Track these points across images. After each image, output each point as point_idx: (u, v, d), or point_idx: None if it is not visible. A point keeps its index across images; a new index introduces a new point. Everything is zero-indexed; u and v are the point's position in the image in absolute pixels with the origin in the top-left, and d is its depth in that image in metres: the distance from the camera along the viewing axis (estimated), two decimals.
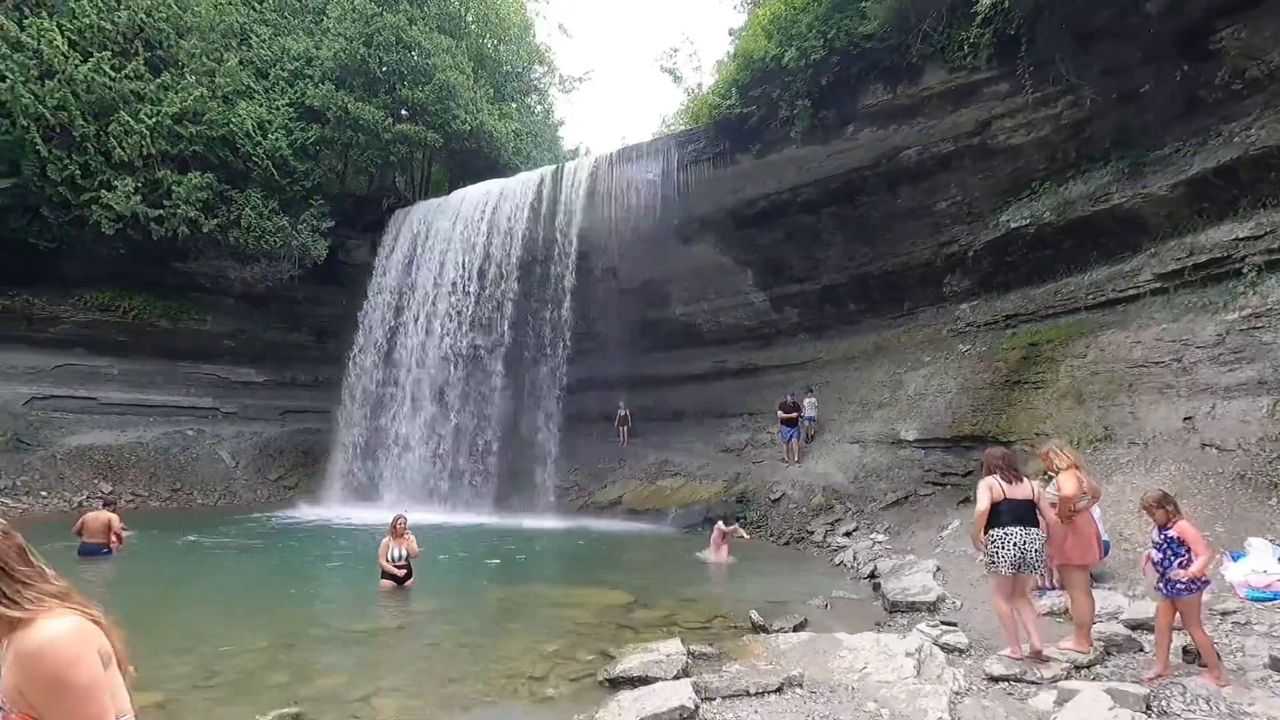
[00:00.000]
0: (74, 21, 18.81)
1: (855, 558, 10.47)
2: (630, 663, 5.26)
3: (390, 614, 7.68)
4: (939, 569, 8.46)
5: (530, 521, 16.86)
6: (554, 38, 63.05)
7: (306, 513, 18.62)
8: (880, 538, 11.30)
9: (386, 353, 20.50)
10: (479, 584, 9.60)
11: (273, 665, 5.70)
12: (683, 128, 18.88)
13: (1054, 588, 7.14)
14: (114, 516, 11.58)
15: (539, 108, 30.05)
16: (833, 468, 15.36)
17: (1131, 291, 11.68)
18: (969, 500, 11.51)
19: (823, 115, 15.07)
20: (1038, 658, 5.17)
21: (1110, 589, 6.21)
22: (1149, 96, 11.93)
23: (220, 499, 21.91)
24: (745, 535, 12.66)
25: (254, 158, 20.45)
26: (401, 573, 8.77)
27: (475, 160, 24.85)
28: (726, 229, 19.14)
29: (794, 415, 16.36)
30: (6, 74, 17.62)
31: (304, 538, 14.45)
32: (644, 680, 4.88)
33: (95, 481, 20.33)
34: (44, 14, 18.33)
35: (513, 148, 24.80)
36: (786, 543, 13.05)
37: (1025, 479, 5.59)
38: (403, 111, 21.96)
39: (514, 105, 26.90)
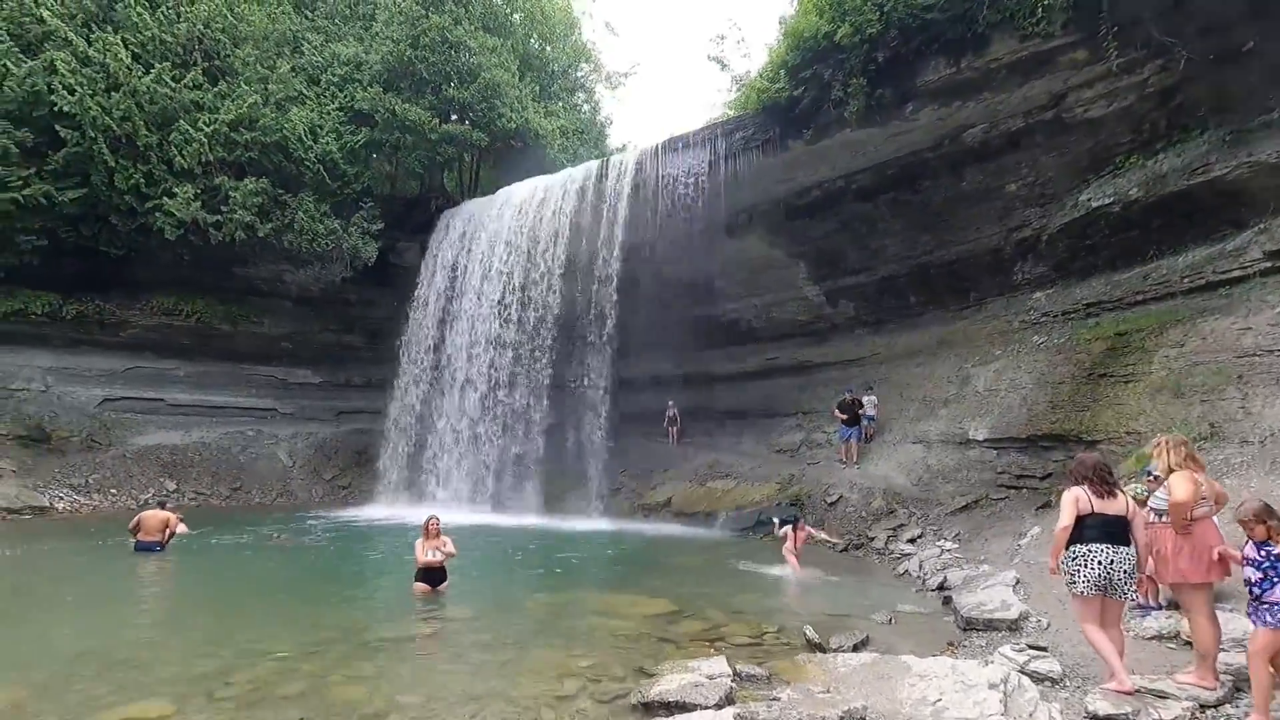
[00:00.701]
0: (137, 35, 19.48)
1: (922, 567, 9.61)
2: (668, 684, 4.70)
3: (421, 620, 7.34)
4: (1019, 581, 7.59)
5: (578, 524, 16.49)
6: (600, 35, 63.16)
7: (357, 512, 18.76)
8: (949, 545, 10.40)
9: (434, 354, 20.49)
10: (518, 589, 9.20)
11: (291, 674, 5.39)
12: (730, 115, 18.15)
13: (1159, 607, 6.22)
14: (172, 515, 11.73)
15: (585, 106, 29.81)
16: (894, 469, 14.43)
17: (1237, 273, 10.44)
18: (1050, 505, 10.50)
19: (879, 94, 14.16)
20: (1150, 693, 4.37)
21: (1232, 610, 5.30)
22: (1253, 55, 10.65)
23: (278, 497, 22.37)
24: (827, 538, 11.87)
25: (305, 162, 20.77)
26: (437, 573, 8.44)
27: (522, 159, 24.71)
28: (777, 220, 18.35)
29: (854, 414, 15.45)
30: (76, 87, 18.35)
31: (350, 537, 14.43)
32: (681, 707, 4.32)
33: (161, 480, 21.03)
34: (109, 29, 18.99)
35: (559, 145, 24.57)
36: (844, 549, 12.23)
37: (1121, 493, 4.96)
38: (449, 112, 21.94)
39: (560, 104, 26.69)
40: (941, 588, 8.61)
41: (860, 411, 15.73)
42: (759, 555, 10.95)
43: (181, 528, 12.54)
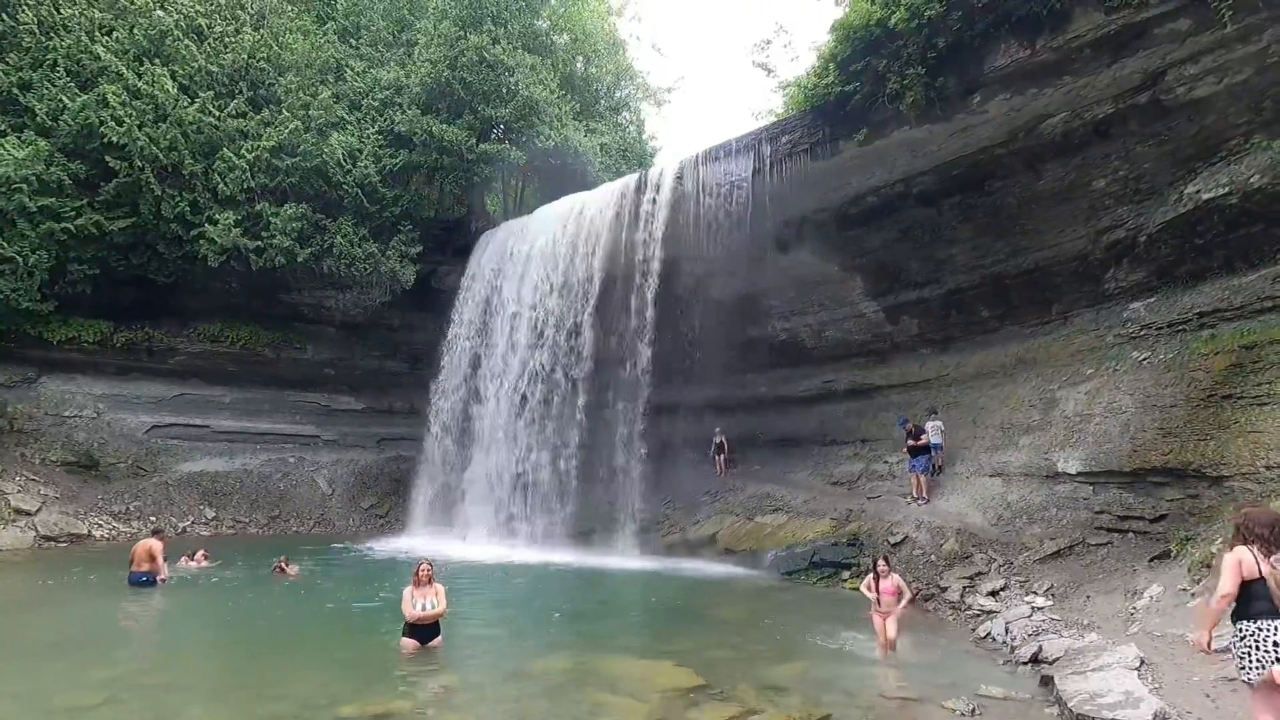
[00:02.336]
0: (185, 67, 19.81)
1: (1009, 631, 7.91)
2: None
3: (398, 691, 6.22)
4: (1144, 662, 5.90)
5: (612, 561, 15.21)
6: (646, 56, 63.00)
7: (387, 544, 18.00)
8: (1040, 602, 8.64)
9: (469, 380, 19.75)
10: (525, 647, 8.00)
11: None
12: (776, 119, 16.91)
13: None
14: (156, 543, 11.11)
15: (631, 125, 29.14)
16: (968, 506, 12.63)
17: None
18: (1168, 555, 8.65)
19: (940, 84, 12.69)
20: None
21: None
22: None
23: (314, 526, 21.96)
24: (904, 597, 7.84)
25: (344, 186, 20.63)
26: (427, 629, 7.33)
27: (566, 180, 24.07)
28: (829, 231, 16.90)
29: (923, 443, 13.71)
30: (125, 119, 18.68)
31: (369, 570, 13.58)
32: None
33: (200, 507, 20.90)
34: (158, 62, 19.35)
35: (600, 163, 23.85)
36: (911, 600, 10.52)
37: None
38: (487, 132, 21.49)
39: (602, 123, 26.05)
40: (1036, 660, 6.95)
41: (924, 439, 13.99)
42: (815, 608, 9.41)
43: (202, 562, 11.99)
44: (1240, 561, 4.14)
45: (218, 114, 19.93)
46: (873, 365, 18.30)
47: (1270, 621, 3.96)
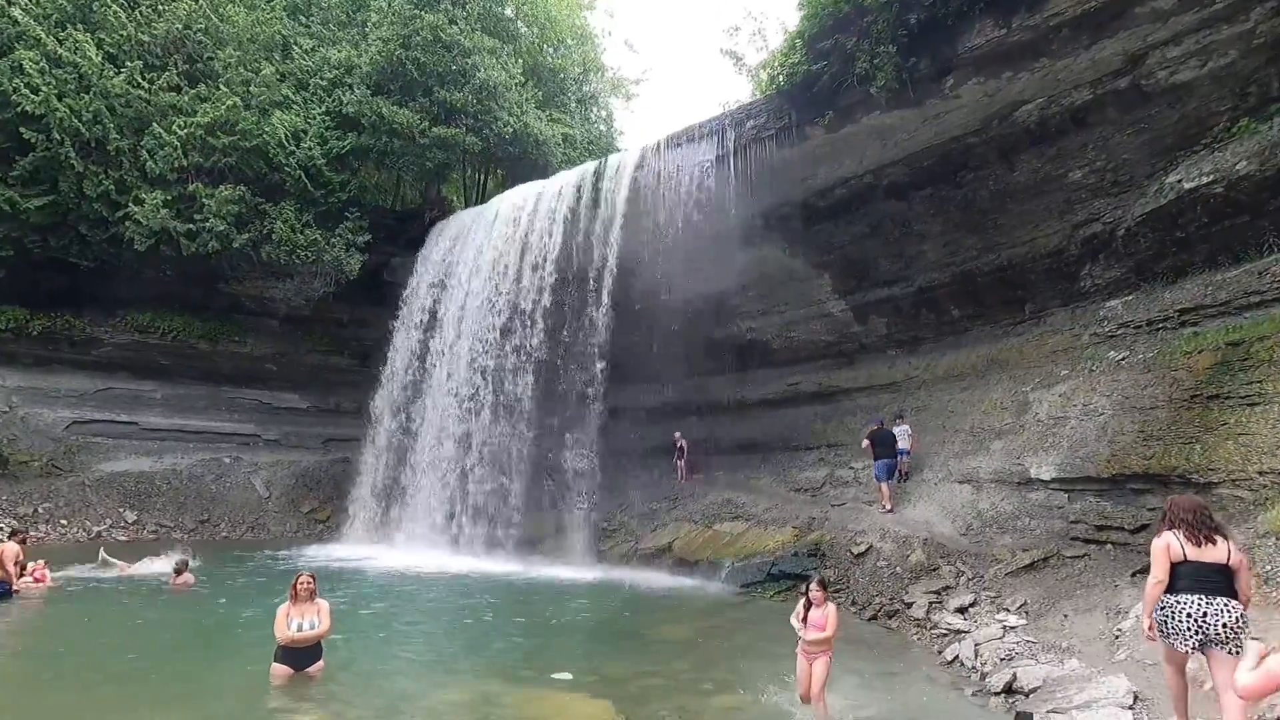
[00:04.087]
0: (112, 35, 18.39)
1: (978, 655, 7.01)
2: None
3: None
4: (1137, 698, 5.03)
5: (561, 571, 14.12)
6: (618, 52, 62.13)
7: (320, 550, 16.69)
8: (1013, 621, 7.77)
9: (414, 378, 18.52)
10: (422, 673, 6.89)
11: None
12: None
13: None
14: (12, 547, 9.76)
15: (597, 116, 28.20)
16: (936, 515, 11.82)
17: None
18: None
19: (912, 64, 11.93)
20: None
21: None
22: None
23: (247, 531, 20.47)
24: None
25: (286, 168, 19.33)
26: (305, 653, 6.19)
27: (528, 171, 23.04)
28: (796, 225, 16.12)
29: (889, 447, 12.85)
30: (42, 87, 17.21)
31: (281, 581, 12.24)
32: None
33: (120, 510, 19.32)
34: (78, 26, 17.92)
35: (564, 154, 22.86)
36: (874, 616, 9.63)
37: (1224, 539, 4.67)
38: (443, 117, 20.36)
39: (567, 115, 25.06)
40: (1010, 691, 6.06)
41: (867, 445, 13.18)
42: (768, 626, 8.43)
43: (41, 579, 10.44)
44: (1168, 546, 4.62)
45: (148, 87, 18.52)
46: (840, 367, 17.54)
47: (1184, 595, 4.49)
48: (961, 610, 8.49)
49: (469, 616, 9.78)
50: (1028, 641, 6.98)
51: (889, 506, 12.49)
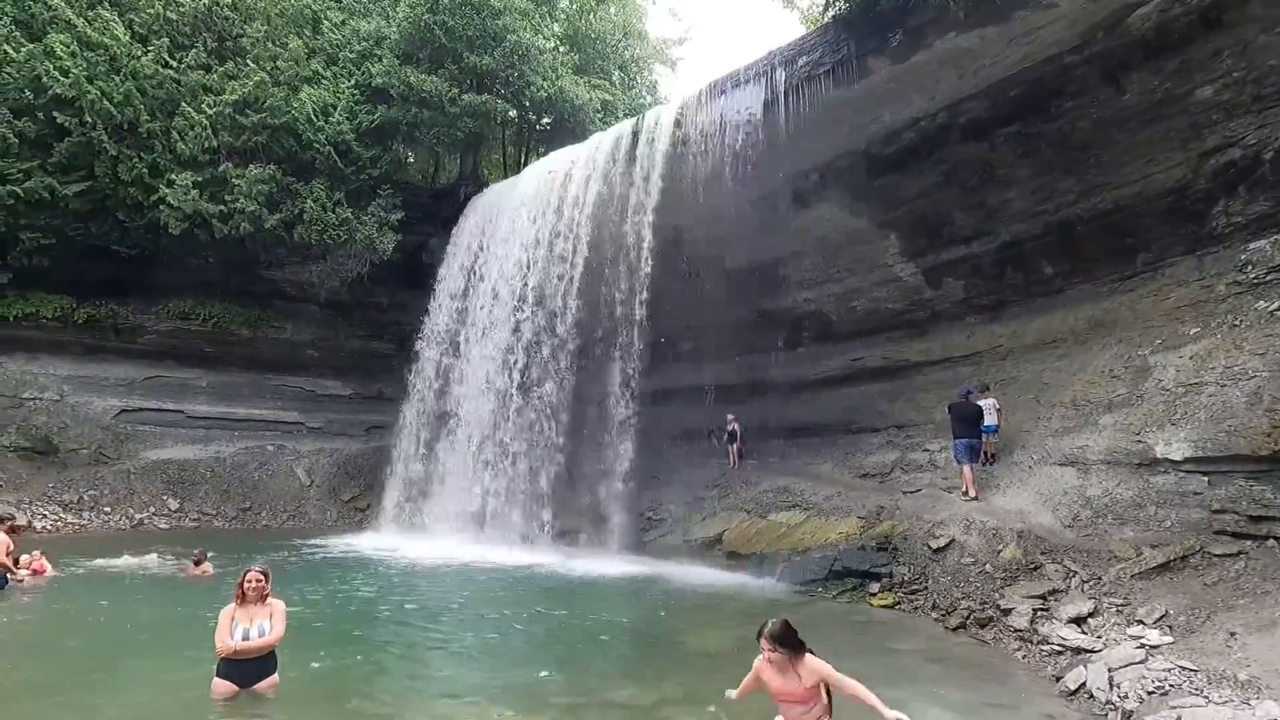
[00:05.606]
0: (140, 14, 18.05)
1: (1114, 685, 5.30)
2: None
3: None
4: None
5: (596, 564, 12.88)
6: (661, 19, 59.51)
7: (352, 540, 15.98)
8: (1154, 637, 6.00)
9: (446, 363, 17.60)
10: (398, 692, 5.68)
11: None
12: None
13: None
14: (5, 539, 9.10)
15: (641, 83, 26.68)
16: (1032, 502, 9.97)
17: None
18: None
19: None
20: None
21: None
22: None
23: (288, 519, 20.10)
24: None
25: (315, 145, 18.67)
26: (253, 666, 5.07)
27: (564, 140, 21.82)
28: (857, 178, 14.33)
29: (973, 424, 11.00)
30: (73, 70, 16.98)
31: (307, 572, 11.45)
32: None
33: (163, 498, 19.18)
34: (105, 5, 17.62)
35: (601, 121, 21.49)
36: (961, 625, 7.95)
37: None
38: (474, 84, 19.30)
39: (606, 80, 23.68)
40: None
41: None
42: (828, 636, 6.88)
43: (39, 569, 9.82)
44: None
45: (177, 66, 18.13)
46: (909, 339, 15.62)
47: None
48: (1078, 621, 6.75)
49: (481, 617, 8.62)
50: (1184, 669, 5.24)
51: (973, 493, 10.68)
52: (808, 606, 9.47)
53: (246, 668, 5.08)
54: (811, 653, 4.10)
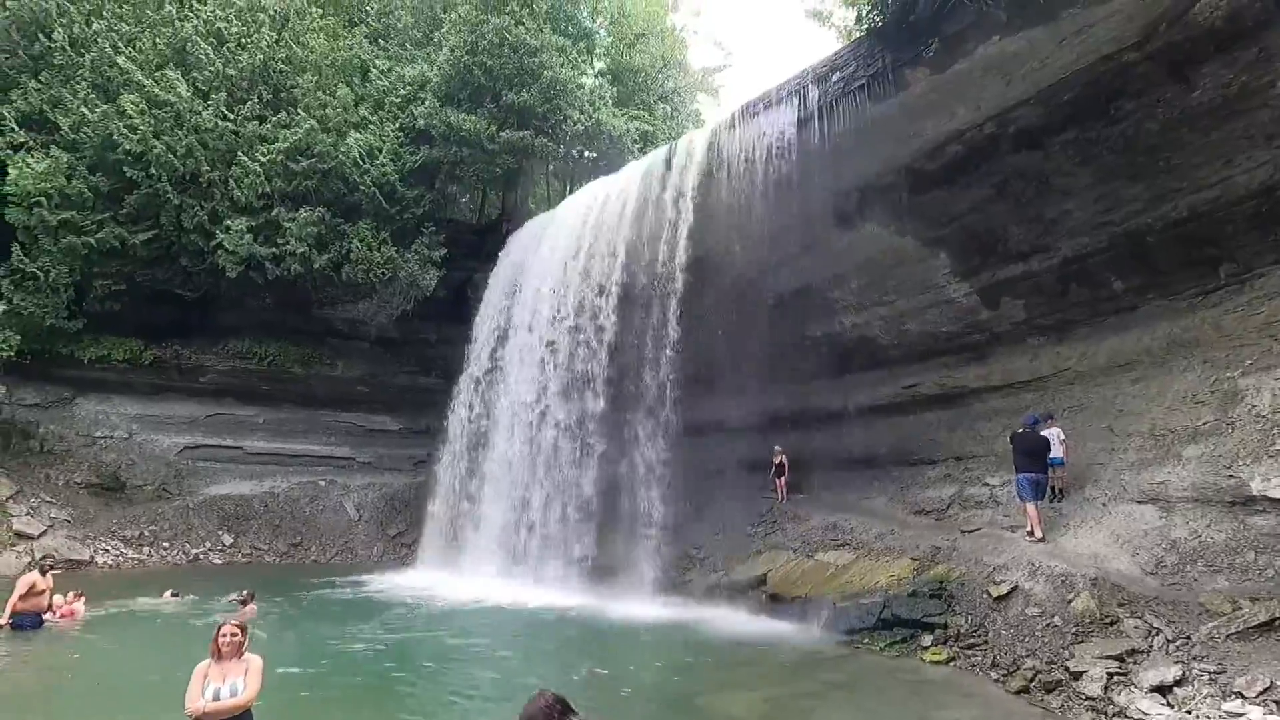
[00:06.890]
0: (202, 72, 19.12)
1: None
2: None
3: None
4: None
5: (629, 607, 12.31)
6: (704, 50, 60.12)
7: (391, 578, 15.88)
8: (1255, 715, 5.03)
9: (484, 398, 17.56)
10: None
11: None
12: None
13: None
14: (34, 577, 9.22)
15: (683, 114, 26.62)
16: (1107, 545, 8.88)
17: None
18: None
19: None
20: None
21: None
22: None
23: (336, 555, 20.30)
24: None
25: (361, 187, 19.22)
26: None
27: (606, 170, 21.89)
28: (900, 196, 13.57)
29: (1038, 459, 9.98)
30: (140, 126, 18.06)
31: (340, 612, 11.29)
32: None
33: (218, 534, 19.68)
34: (175, 68, 18.75)
35: (640, 150, 21.41)
36: (1024, 689, 6.99)
37: None
38: (511, 122, 19.56)
39: (646, 111, 23.68)
40: None
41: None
42: (874, 698, 6.11)
43: (73, 610, 9.87)
44: None
45: (234, 118, 19.08)
46: (966, 363, 14.56)
47: None
48: (1162, 690, 5.79)
49: (497, 664, 8.17)
50: None
51: (1038, 534, 9.64)
52: (851, 661, 8.64)
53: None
54: None
